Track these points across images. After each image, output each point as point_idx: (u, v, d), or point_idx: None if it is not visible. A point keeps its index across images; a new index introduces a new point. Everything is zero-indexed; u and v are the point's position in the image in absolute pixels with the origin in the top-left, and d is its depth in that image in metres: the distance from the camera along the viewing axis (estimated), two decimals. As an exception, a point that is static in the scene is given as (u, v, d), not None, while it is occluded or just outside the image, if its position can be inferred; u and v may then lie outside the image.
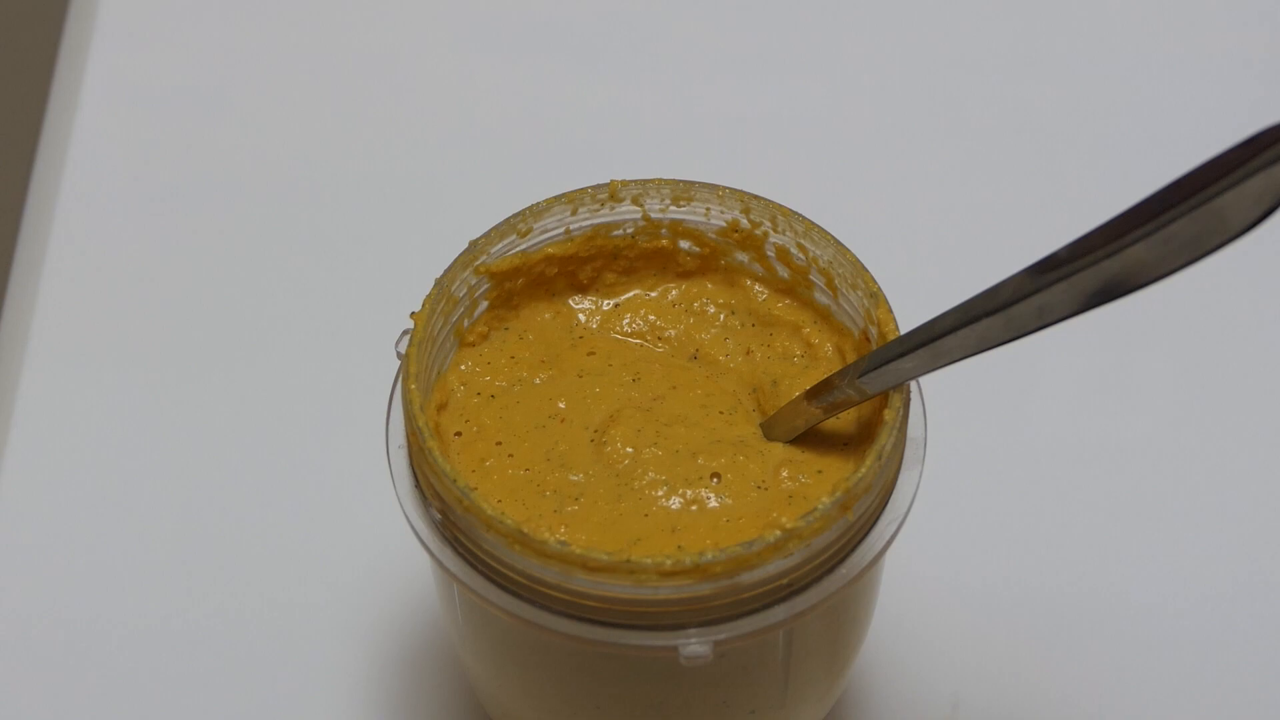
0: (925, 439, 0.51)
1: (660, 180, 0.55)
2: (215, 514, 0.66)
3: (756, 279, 0.56)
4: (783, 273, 0.55)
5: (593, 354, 0.55)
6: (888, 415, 0.49)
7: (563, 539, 0.49)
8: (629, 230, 0.56)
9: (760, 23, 0.84)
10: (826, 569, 0.49)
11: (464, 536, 0.49)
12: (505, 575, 0.48)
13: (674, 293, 0.57)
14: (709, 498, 0.51)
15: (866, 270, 0.53)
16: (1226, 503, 0.66)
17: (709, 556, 0.46)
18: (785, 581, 0.48)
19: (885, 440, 0.48)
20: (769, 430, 0.53)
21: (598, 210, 0.55)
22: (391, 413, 0.52)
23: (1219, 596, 0.64)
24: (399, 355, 0.51)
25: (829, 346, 0.55)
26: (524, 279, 0.55)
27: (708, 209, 0.55)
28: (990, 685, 0.61)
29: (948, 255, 0.74)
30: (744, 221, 0.55)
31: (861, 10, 0.84)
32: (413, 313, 0.52)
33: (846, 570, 0.49)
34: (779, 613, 0.48)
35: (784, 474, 0.51)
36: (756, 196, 0.55)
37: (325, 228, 0.76)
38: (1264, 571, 0.64)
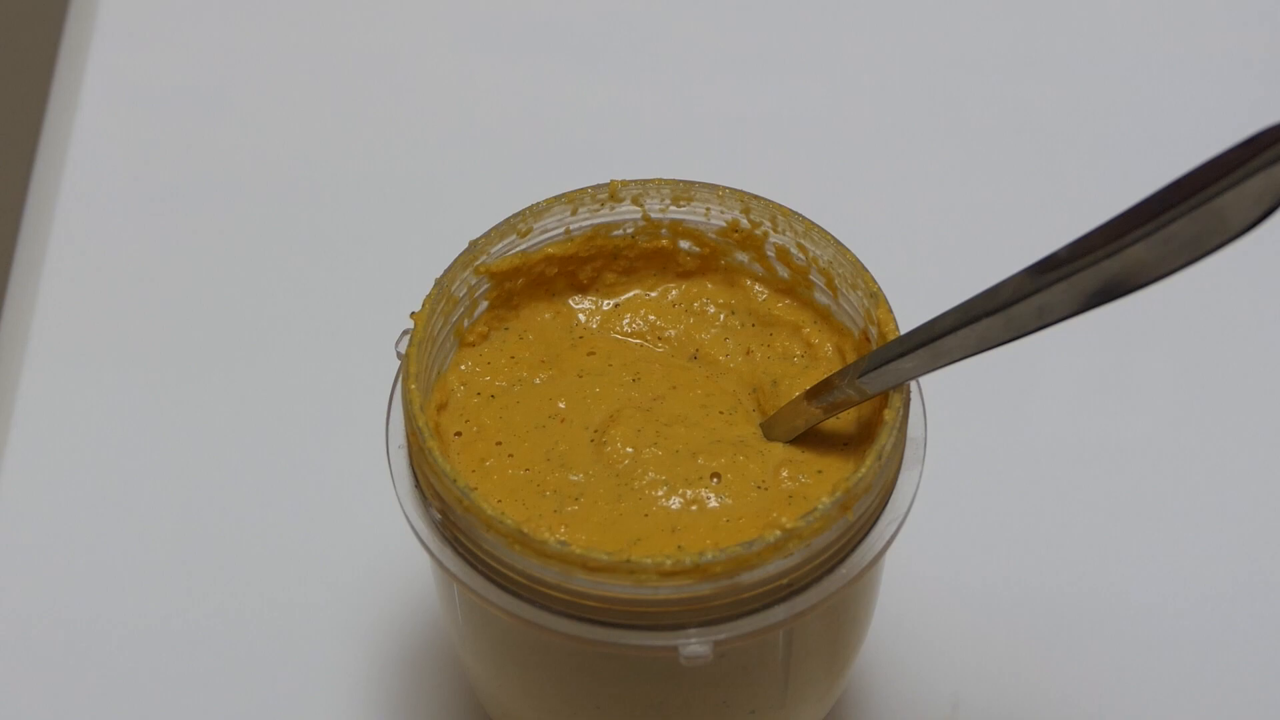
0: (925, 439, 0.51)
1: (660, 180, 0.55)
2: (215, 514, 0.66)
3: (756, 279, 0.56)
4: (783, 273, 0.55)
5: (593, 354, 0.55)
6: (888, 415, 0.49)
7: (563, 539, 0.49)
8: (629, 230, 0.56)
9: (760, 23, 0.84)
10: (826, 569, 0.49)
11: (464, 536, 0.49)
12: (505, 575, 0.48)
13: (674, 293, 0.57)
14: (709, 498, 0.51)
15: (866, 270, 0.53)
16: (1226, 503, 0.66)
17: (709, 556, 0.46)
18: (785, 581, 0.48)
19: (885, 440, 0.48)
20: (769, 430, 0.53)
21: (598, 210, 0.55)
22: (391, 413, 0.52)
23: (1219, 596, 0.64)
24: (399, 355, 0.51)
25: (829, 346, 0.54)
26: (524, 279, 0.55)
27: (708, 209, 0.55)
28: (990, 685, 0.61)
29: (948, 255, 0.74)
30: (744, 221, 0.55)
31: (861, 10, 0.84)
32: (413, 313, 0.52)
33: (846, 570, 0.49)
34: (779, 613, 0.48)
35: (784, 474, 0.51)
36: (756, 196, 0.55)
37: (325, 228, 0.76)
38: (1264, 571, 0.64)
